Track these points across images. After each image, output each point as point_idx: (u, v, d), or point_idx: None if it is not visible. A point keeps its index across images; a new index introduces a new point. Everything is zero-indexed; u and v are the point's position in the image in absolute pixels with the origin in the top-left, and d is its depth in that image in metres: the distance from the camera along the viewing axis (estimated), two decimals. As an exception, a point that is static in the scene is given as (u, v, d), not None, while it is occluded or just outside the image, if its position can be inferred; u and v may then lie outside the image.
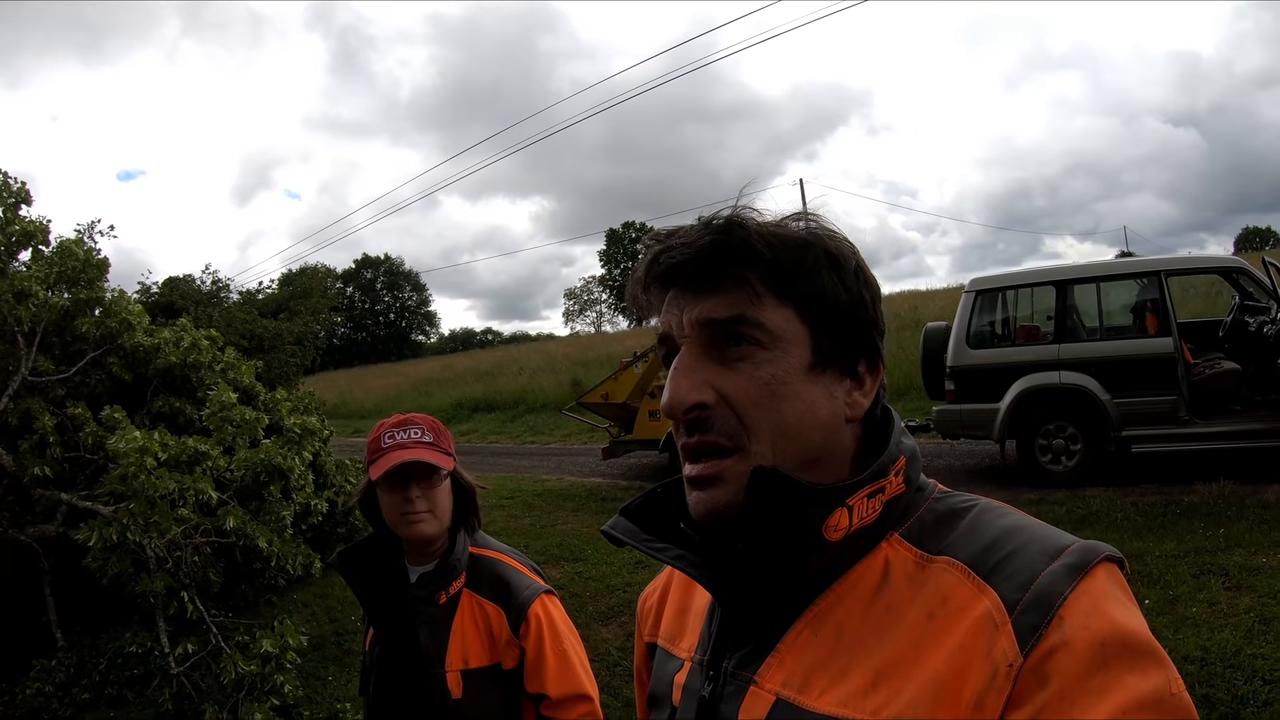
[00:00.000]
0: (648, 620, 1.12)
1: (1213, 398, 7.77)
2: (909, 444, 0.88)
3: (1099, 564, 0.71)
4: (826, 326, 0.83)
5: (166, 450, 4.93)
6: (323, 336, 15.11)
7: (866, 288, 0.86)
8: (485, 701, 1.91)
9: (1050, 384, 8.00)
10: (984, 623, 0.70)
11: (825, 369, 0.83)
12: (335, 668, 5.99)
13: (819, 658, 0.79)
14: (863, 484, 0.80)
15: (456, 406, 23.28)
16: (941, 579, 0.76)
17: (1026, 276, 9.05)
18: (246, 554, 5.48)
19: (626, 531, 0.92)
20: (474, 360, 36.03)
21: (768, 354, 0.81)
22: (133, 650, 5.20)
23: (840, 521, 0.79)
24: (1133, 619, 0.68)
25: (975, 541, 0.77)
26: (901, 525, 0.82)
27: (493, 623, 1.95)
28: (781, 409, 0.80)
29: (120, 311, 6.15)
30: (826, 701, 0.76)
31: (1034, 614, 0.68)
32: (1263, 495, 6.74)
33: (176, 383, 6.70)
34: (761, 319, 0.81)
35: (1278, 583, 5.12)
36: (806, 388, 0.82)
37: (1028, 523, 0.79)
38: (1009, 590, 0.71)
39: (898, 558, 0.80)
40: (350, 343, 71.31)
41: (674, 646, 1.01)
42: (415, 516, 1.92)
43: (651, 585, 1.15)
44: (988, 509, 0.82)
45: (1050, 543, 0.74)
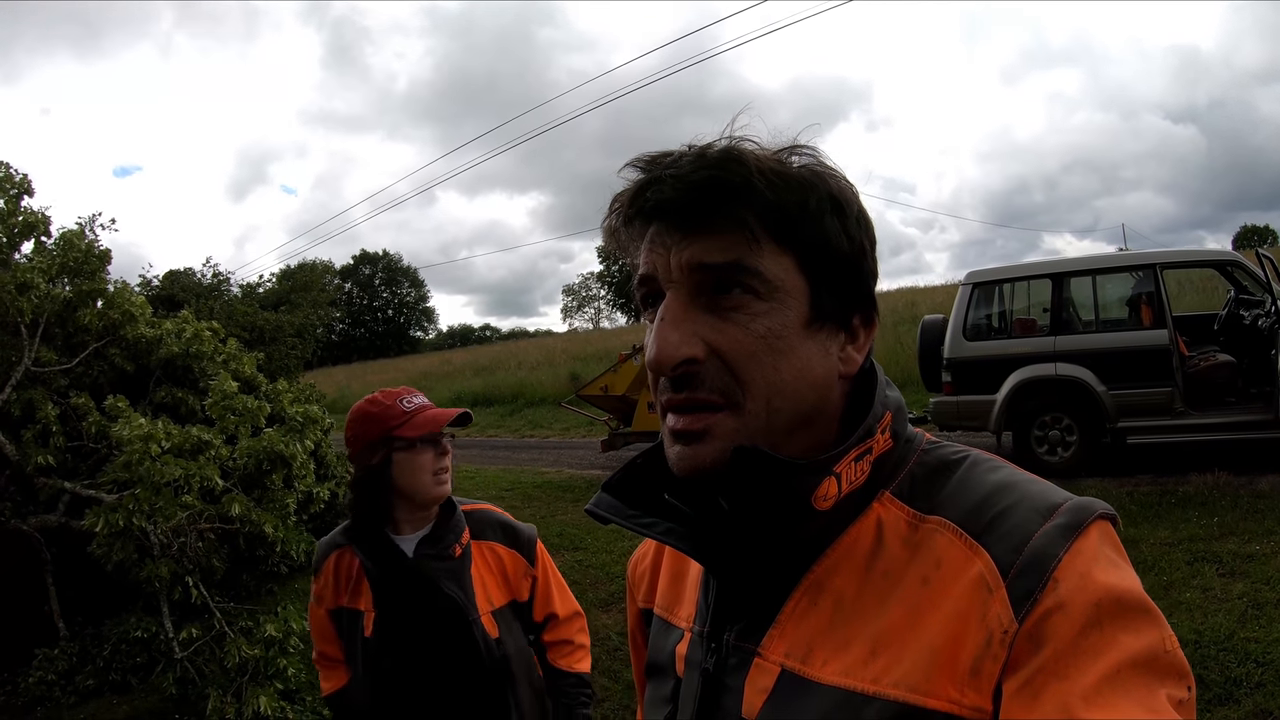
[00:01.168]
0: (641, 585, 1.10)
1: (1207, 390, 7.85)
2: (894, 397, 0.86)
3: (1093, 523, 0.71)
4: (826, 278, 0.79)
5: (170, 439, 4.96)
6: (321, 331, 15.11)
7: (867, 235, 0.82)
8: (514, 633, 2.11)
9: (1046, 376, 8.08)
10: (978, 586, 0.70)
11: (823, 324, 0.79)
12: (337, 655, 6.01)
13: (819, 627, 0.79)
14: (849, 449, 0.78)
15: (455, 401, 23.12)
16: (934, 541, 0.75)
17: (1023, 269, 9.12)
18: (250, 541, 5.50)
19: (610, 508, 0.88)
20: (472, 355, 36.09)
21: (765, 305, 0.77)
22: (137, 636, 5.21)
23: (829, 490, 0.77)
24: (1126, 578, 0.68)
25: (967, 499, 0.77)
26: (892, 482, 0.81)
27: (505, 563, 2.14)
28: (779, 365, 0.76)
29: (123, 303, 6.16)
30: (830, 671, 0.76)
31: (1028, 578, 0.68)
32: (1256, 485, 6.82)
33: (178, 373, 6.71)
34: (760, 267, 0.76)
35: (1270, 569, 5.19)
36: (803, 344, 0.78)
37: (1020, 478, 0.78)
38: (1002, 552, 0.71)
39: (890, 518, 0.79)
40: (348, 338, 71.33)
41: (672, 615, 1.00)
42: (445, 475, 2.04)
43: (642, 549, 1.12)
44: (978, 462, 0.82)
45: (1043, 500, 0.73)
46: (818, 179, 0.79)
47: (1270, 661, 4.15)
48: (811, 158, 0.81)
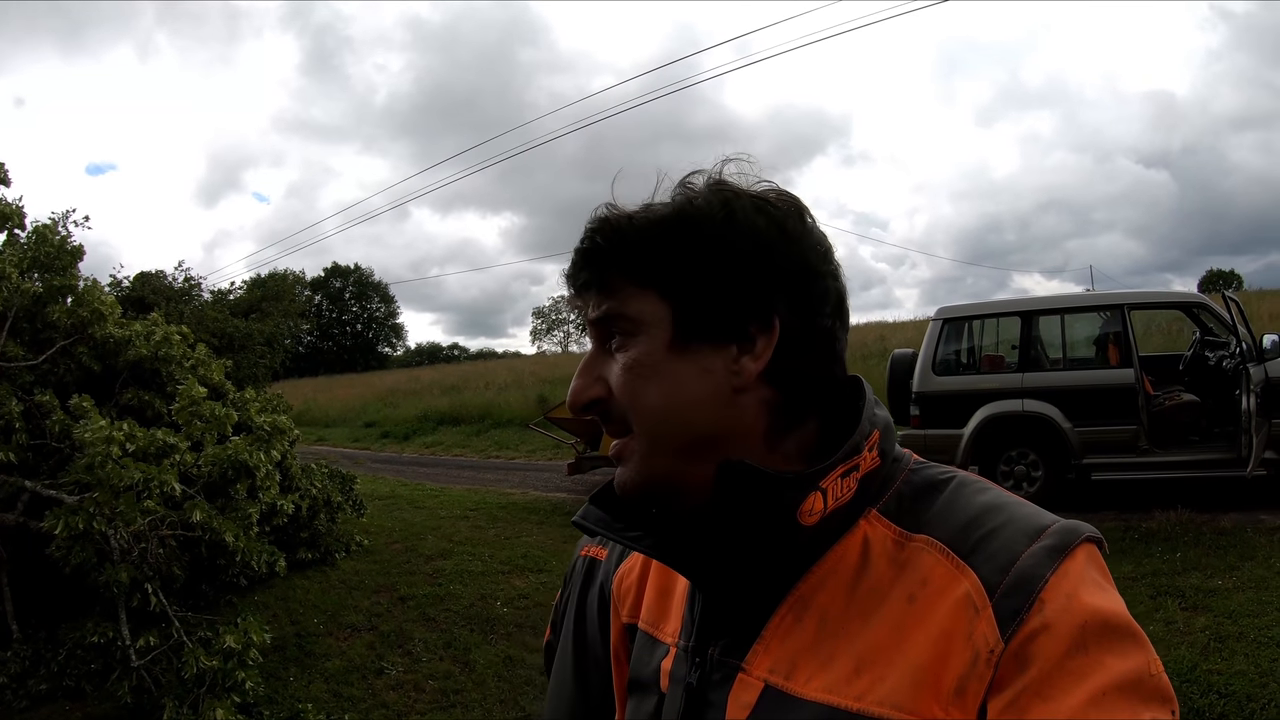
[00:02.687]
0: (626, 600, 1.08)
1: (1172, 428, 7.98)
2: (882, 416, 0.86)
3: (1079, 545, 0.71)
4: (686, 299, 0.82)
5: (134, 441, 4.87)
6: (289, 342, 14.97)
7: (740, 240, 0.82)
8: None
9: (1013, 411, 8.15)
10: (964, 605, 0.70)
11: (690, 343, 0.82)
12: (296, 669, 5.92)
13: (804, 643, 0.79)
14: (835, 464, 0.79)
15: (422, 419, 23.09)
16: (921, 559, 0.76)
17: (993, 307, 9.25)
18: (211, 549, 5.41)
19: (597, 520, 0.91)
20: (440, 374, 35.79)
21: (633, 340, 0.83)
22: (94, 641, 5.07)
23: (814, 505, 0.77)
24: (1112, 601, 0.69)
25: (954, 519, 0.77)
26: (879, 500, 0.81)
27: None
28: (646, 391, 0.82)
29: (93, 301, 6.07)
30: (813, 688, 0.76)
31: (1015, 598, 0.68)
32: (1218, 523, 6.92)
33: (146, 376, 6.61)
34: (624, 310, 0.83)
35: (1233, 603, 5.29)
36: (670, 368, 0.81)
37: (1007, 500, 0.78)
38: (989, 572, 0.71)
39: (876, 536, 0.79)
40: (316, 351, 70.46)
41: (658, 631, 0.99)
42: None
43: (628, 563, 1.10)
44: (966, 483, 0.81)
45: (1030, 522, 0.74)
46: (674, 211, 0.85)
47: (1232, 693, 4.23)
48: (692, 186, 0.86)
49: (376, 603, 7.21)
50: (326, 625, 6.71)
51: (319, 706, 5.32)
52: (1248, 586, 5.55)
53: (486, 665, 5.90)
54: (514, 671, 5.80)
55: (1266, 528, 6.70)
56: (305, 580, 7.57)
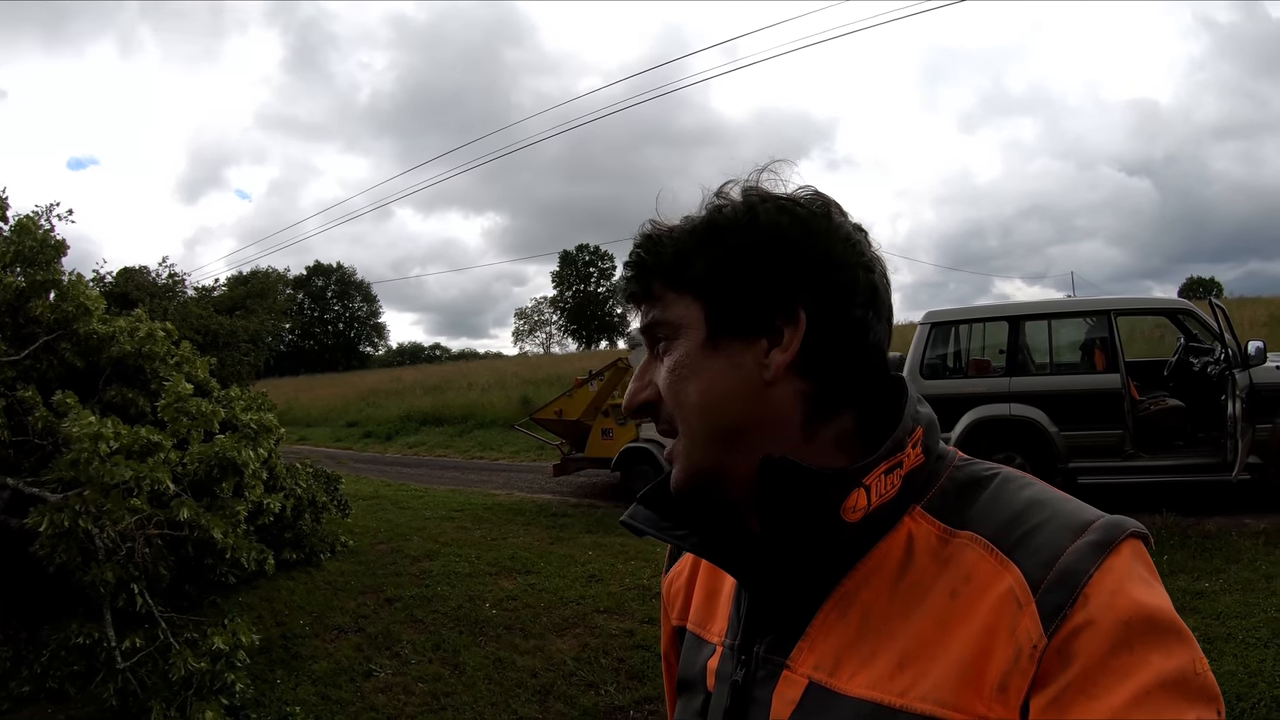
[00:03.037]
0: (675, 602, 1.10)
1: (1157, 433, 8.07)
2: (925, 413, 0.86)
3: (1124, 541, 0.70)
4: (717, 298, 0.86)
5: (120, 439, 4.79)
6: (272, 340, 14.87)
7: (763, 239, 0.84)
8: None
9: (1000, 415, 8.22)
10: (1007, 601, 0.70)
11: (721, 340, 0.85)
12: (283, 671, 5.84)
13: (848, 640, 0.79)
14: (878, 461, 0.79)
15: (404, 419, 23.02)
16: (964, 555, 0.75)
17: (980, 311, 9.32)
18: (199, 548, 5.33)
19: (646, 520, 0.93)
20: (422, 374, 35.72)
21: (675, 344, 0.87)
22: (78, 643, 4.98)
23: (858, 502, 0.78)
24: (1157, 597, 0.68)
25: (998, 515, 0.77)
26: (923, 497, 0.81)
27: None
28: (686, 389, 0.85)
29: (77, 296, 5.98)
30: (857, 684, 0.76)
31: (1058, 593, 0.67)
32: (1204, 526, 7.01)
33: (129, 373, 6.52)
34: (665, 316, 0.88)
35: (1220, 605, 5.36)
36: (705, 363, 0.85)
37: (1051, 495, 0.78)
38: (1032, 567, 0.70)
39: (921, 533, 0.79)
40: (298, 350, 70.10)
41: (705, 631, 1.00)
42: None
43: (677, 566, 1.12)
44: (1010, 479, 0.81)
45: (1074, 518, 0.73)
46: (704, 217, 0.88)
47: (1222, 693, 4.21)
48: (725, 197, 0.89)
49: (363, 604, 7.15)
50: (313, 626, 6.64)
51: (307, 709, 5.24)
52: (1234, 589, 5.62)
53: (476, 667, 5.83)
54: (504, 674, 5.73)
55: (1251, 531, 6.79)
56: (290, 581, 7.50)
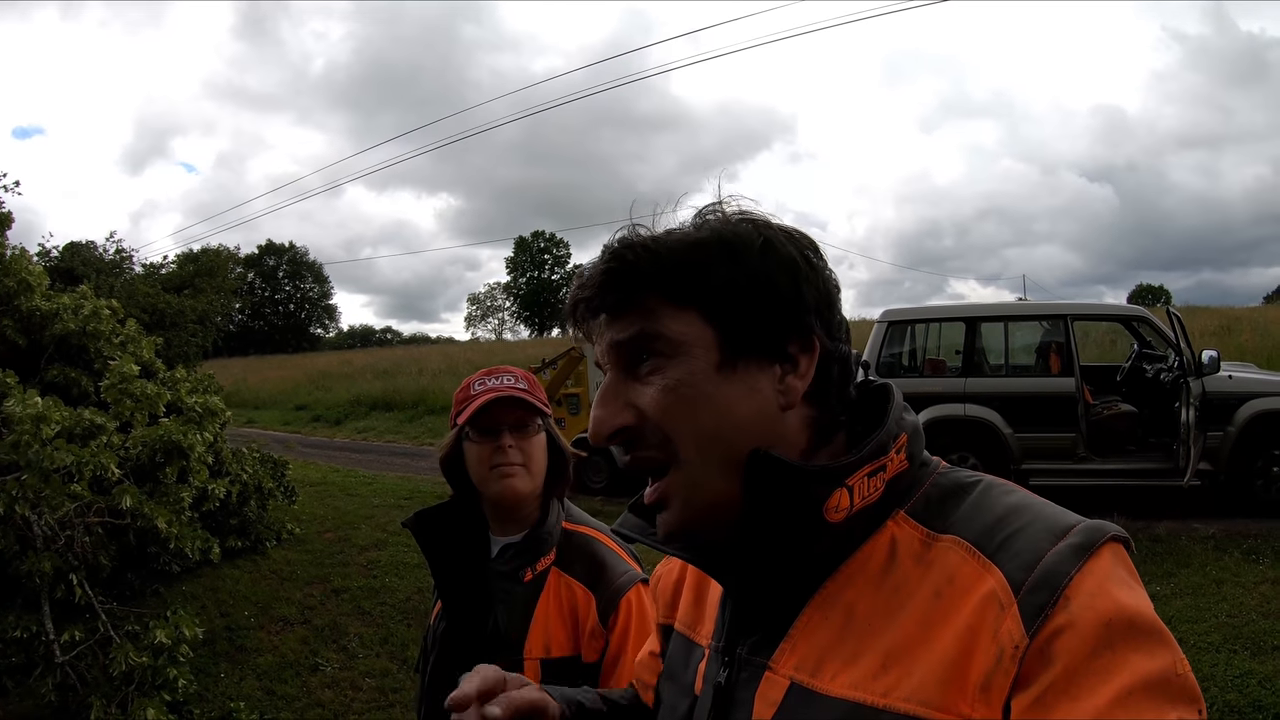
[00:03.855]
0: (663, 601, 1.12)
1: (1109, 437, 8.25)
2: (910, 420, 0.87)
3: (1105, 544, 0.71)
4: (733, 321, 0.83)
5: (62, 421, 4.62)
6: (221, 320, 14.58)
7: (782, 266, 0.84)
8: None
9: (955, 415, 8.33)
10: (990, 602, 0.70)
11: (738, 364, 0.83)
12: (227, 664, 5.72)
13: (830, 641, 0.79)
14: (862, 463, 0.80)
15: (354, 403, 22.76)
16: (947, 558, 0.76)
17: (938, 311, 9.44)
18: (141, 536, 5.18)
19: (634, 527, 0.93)
20: (373, 358, 35.40)
21: (673, 362, 0.82)
22: (16, 635, 4.79)
23: (841, 502, 0.78)
24: (1138, 600, 0.68)
25: (980, 519, 0.77)
26: (906, 502, 0.82)
27: (580, 608, 1.72)
28: (696, 414, 0.81)
29: (20, 271, 5.77)
30: (839, 684, 0.76)
31: (1040, 594, 0.68)
32: (1154, 530, 7.19)
33: (73, 352, 6.30)
34: (660, 330, 0.83)
35: (1171, 609, 5.47)
36: (719, 388, 0.82)
37: (1033, 501, 0.78)
38: (1014, 570, 0.71)
39: (904, 536, 0.80)
40: (247, 330, 68.73)
41: (694, 634, 1.01)
42: (507, 469, 1.72)
43: (666, 566, 1.13)
44: (993, 485, 0.82)
45: (1056, 521, 0.73)
46: (710, 233, 0.85)
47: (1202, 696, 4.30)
48: (718, 213, 0.88)
49: (309, 595, 7.04)
50: (258, 618, 6.51)
51: (252, 705, 5.14)
52: (1185, 593, 5.76)
53: (426, 663, 5.76)
54: (455, 670, 5.67)
55: (1200, 536, 6.96)
56: (235, 570, 7.34)
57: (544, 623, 1.71)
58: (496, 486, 1.73)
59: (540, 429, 1.80)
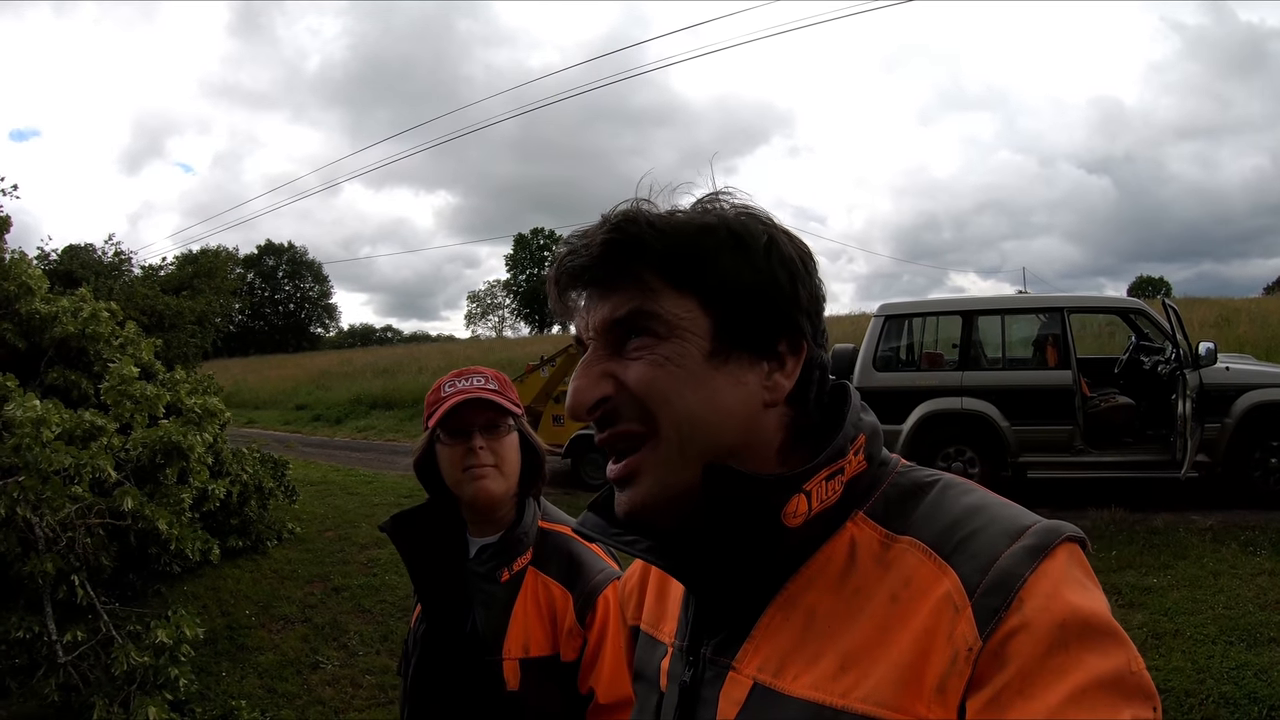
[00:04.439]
0: (630, 603, 1.13)
1: (1107, 429, 8.28)
2: (869, 421, 0.88)
3: (1060, 544, 0.71)
4: (731, 312, 0.83)
5: (62, 424, 4.65)
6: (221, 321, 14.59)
7: (782, 264, 0.84)
8: (543, 695, 1.70)
9: (952, 409, 8.35)
10: (945, 605, 0.71)
11: (729, 356, 0.82)
12: (228, 663, 5.74)
13: (792, 642, 0.80)
14: (819, 467, 0.80)
15: (354, 402, 22.69)
16: (905, 559, 0.77)
17: (934, 305, 9.44)
18: (141, 538, 5.20)
19: (595, 526, 0.93)
20: (373, 356, 35.34)
21: (664, 343, 0.82)
22: (18, 636, 4.82)
23: (799, 508, 0.79)
24: (1093, 600, 0.69)
25: (938, 520, 0.78)
26: (865, 503, 0.83)
27: (557, 607, 1.74)
28: (682, 392, 0.81)
29: (20, 274, 5.79)
30: (800, 685, 0.77)
31: (994, 597, 0.69)
32: (1151, 522, 7.20)
33: (72, 355, 6.33)
34: (657, 310, 0.82)
35: (1168, 601, 5.50)
36: (707, 375, 0.81)
37: (991, 501, 0.79)
38: (969, 572, 0.71)
39: (863, 537, 0.81)
40: (247, 330, 68.67)
41: (657, 631, 1.03)
42: (479, 471, 1.74)
43: (630, 569, 1.15)
44: (951, 485, 0.82)
45: (1012, 523, 0.74)
46: (718, 221, 0.84)
47: (1171, 688, 4.40)
48: (722, 202, 0.87)
49: (310, 593, 7.05)
50: (259, 616, 6.53)
51: (253, 703, 5.16)
52: (1182, 585, 5.76)
53: (426, 660, 5.78)
54: (454, 667, 5.69)
55: (1198, 528, 6.96)
56: (236, 569, 7.36)
57: (522, 622, 1.73)
58: (470, 488, 1.75)
59: (511, 429, 1.81)
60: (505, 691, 1.69)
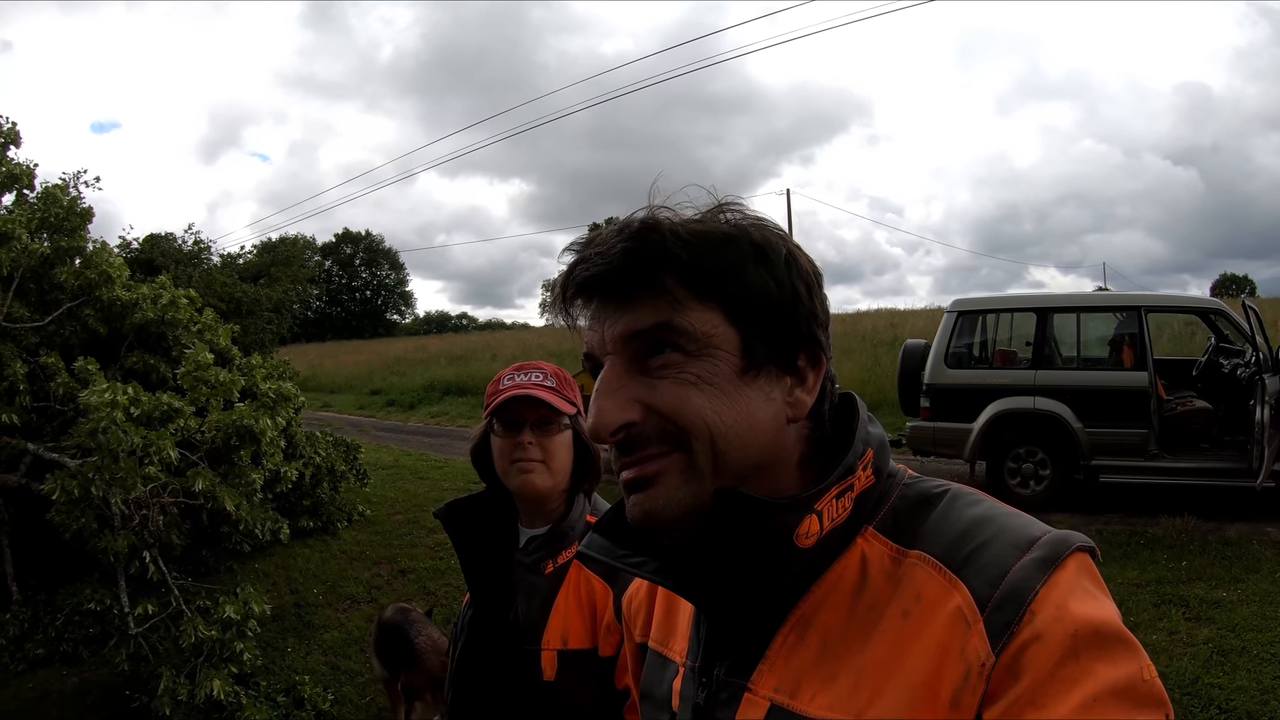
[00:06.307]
0: (637, 620, 1.10)
1: (1183, 434, 7.94)
2: (876, 434, 0.87)
3: (1070, 555, 0.71)
4: (757, 325, 0.80)
5: (139, 405, 4.85)
6: (298, 308, 14.97)
7: (800, 278, 0.82)
8: (579, 688, 1.71)
9: (1024, 409, 8.12)
10: (956, 620, 0.71)
11: (759, 370, 0.80)
12: (294, 639, 5.93)
13: (807, 662, 0.79)
14: (829, 487, 0.79)
15: (428, 388, 23.01)
16: (915, 575, 0.76)
17: (1008, 301, 9.20)
18: (213, 517, 5.40)
19: (600, 549, 0.90)
20: (447, 343, 35.72)
21: (694, 361, 0.78)
22: (91, 608, 5.07)
23: (810, 528, 0.78)
24: (1103, 609, 0.69)
25: (947, 533, 0.77)
26: (874, 517, 0.82)
27: (598, 602, 1.76)
28: (717, 409, 0.77)
29: (101, 263, 6.04)
30: (817, 705, 0.77)
31: (1005, 611, 0.69)
32: (1224, 532, 6.89)
33: (152, 340, 6.60)
34: (686, 325, 0.78)
35: (1236, 616, 5.25)
36: (740, 391, 0.79)
37: (999, 511, 0.79)
38: (980, 585, 0.71)
39: (874, 553, 0.80)
40: (324, 316, 70.37)
41: (667, 649, 1.01)
42: (526, 465, 1.77)
43: (635, 584, 1.12)
44: (959, 495, 0.82)
45: (1021, 534, 0.74)
46: (739, 231, 0.81)
47: (1233, 708, 4.21)
48: (736, 212, 0.83)
49: (377, 574, 7.22)
50: (326, 596, 6.72)
51: (316, 679, 5.32)
52: (1252, 600, 5.51)
53: (485, 643, 5.88)
54: (513, 650, 5.78)
55: (1272, 541, 6.65)
56: (306, 549, 7.59)
57: (563, 614, 1.75)
58: (516, 481, 1.78)
59: (564, 428, 1.82)
60: (541, 681, 1.71)
